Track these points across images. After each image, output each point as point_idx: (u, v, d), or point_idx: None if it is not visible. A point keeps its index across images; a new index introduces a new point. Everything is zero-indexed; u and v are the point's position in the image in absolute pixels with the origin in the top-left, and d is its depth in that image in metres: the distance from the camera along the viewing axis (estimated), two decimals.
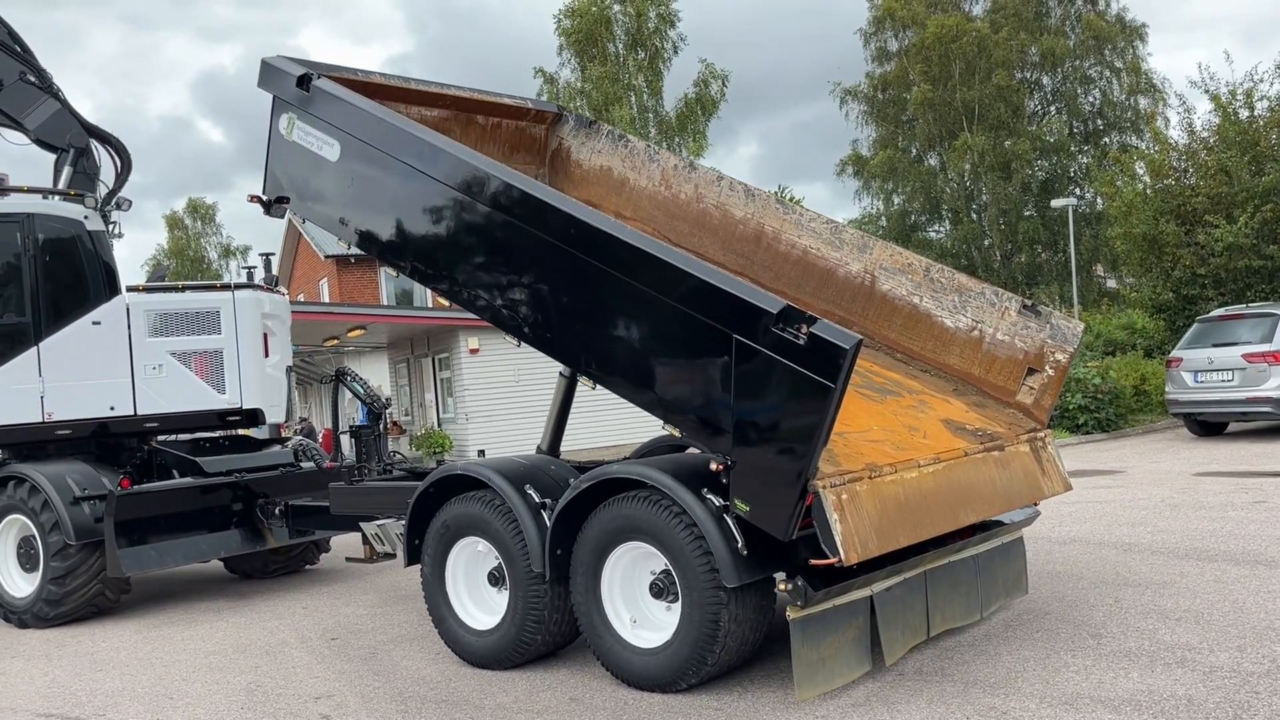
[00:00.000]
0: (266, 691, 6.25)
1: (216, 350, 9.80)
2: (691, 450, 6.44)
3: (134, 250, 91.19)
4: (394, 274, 8.10)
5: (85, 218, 9.34)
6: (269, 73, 7.24)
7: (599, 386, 5.83)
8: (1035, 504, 6.71)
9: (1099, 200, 38.25)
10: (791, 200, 46.41)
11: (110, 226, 9.74)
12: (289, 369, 10.54)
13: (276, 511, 9.31)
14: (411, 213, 6.60)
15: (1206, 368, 15.92)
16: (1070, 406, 18.45)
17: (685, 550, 5.33)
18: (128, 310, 9.36)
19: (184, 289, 9.90)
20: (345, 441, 9.77)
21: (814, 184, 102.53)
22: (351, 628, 7.82)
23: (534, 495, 6.07)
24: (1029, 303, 6.54)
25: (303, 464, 10.09)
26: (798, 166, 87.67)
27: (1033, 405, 6.58)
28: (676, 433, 5.48)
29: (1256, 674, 5.13)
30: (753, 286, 5.07)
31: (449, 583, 6.53)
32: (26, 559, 8.93)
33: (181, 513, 9.05)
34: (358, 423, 10.40)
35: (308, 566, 10.76)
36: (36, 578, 8.73)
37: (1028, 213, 43.39)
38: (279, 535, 9.45)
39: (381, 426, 8.88)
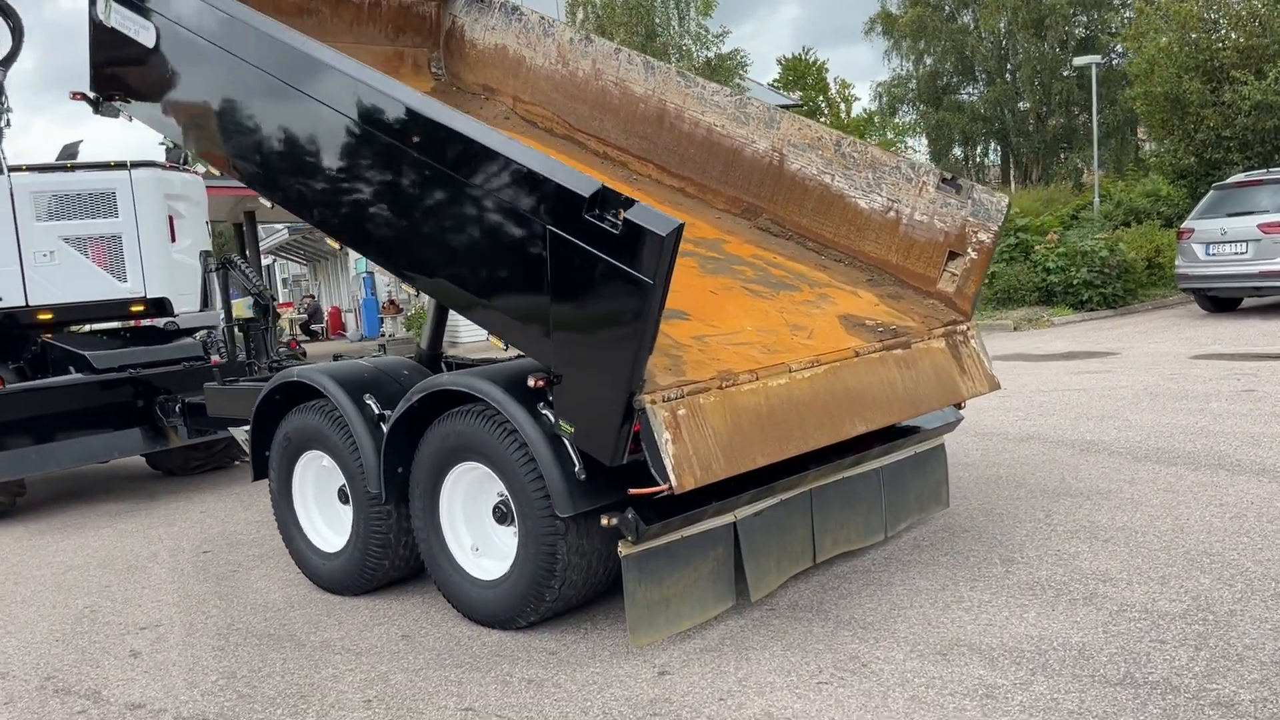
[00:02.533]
0: (96, 618, 5.70)
1: (114, 235, 9.09)
2: None
3: (144, 132, 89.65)
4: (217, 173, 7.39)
5: None
6: None
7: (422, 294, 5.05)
8: (958, 406, 5.92)
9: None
10: (815, 65, 44.30)
11: None
12: (204, 253, 9.81)
13: (176, 409, 8.73)
14: (222, 101, 5.75)
15: (1219, 239, 14.72)
16: (1075, 282, 17.29)
17: (519, 474, 4.61)
18: (12, 193, 8.64)
19: (73, 168, 9.13)
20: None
21: (856, 46, 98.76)
22: (232, 538, 7.26)
23: (374, 407, 5.35)
24: (948, 176, 5.63)
25: (213, 358, 9.44)
26: (838, 29, 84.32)
27: (955, 294, 5.72)
28: (500, 345, 4.71)
29: (1170, 615, 4.39)
30: (565, 166, 4.18)
31: (297, 500, 5.90)
32: None
33: (70, 411, 8.46)
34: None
35: (236, 463, 10.22)
36: None
37: (1065, 73, 41.03)
38: (182, 434, 8.87)
39: (269, 320, 8.17)
